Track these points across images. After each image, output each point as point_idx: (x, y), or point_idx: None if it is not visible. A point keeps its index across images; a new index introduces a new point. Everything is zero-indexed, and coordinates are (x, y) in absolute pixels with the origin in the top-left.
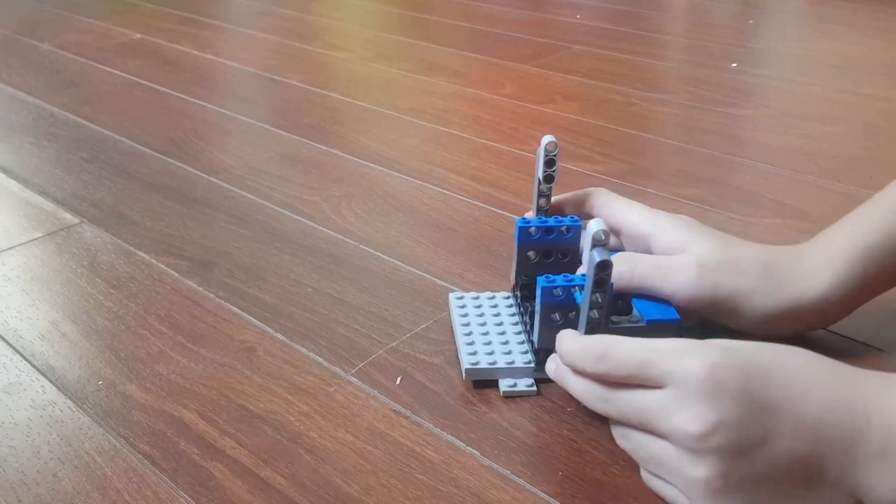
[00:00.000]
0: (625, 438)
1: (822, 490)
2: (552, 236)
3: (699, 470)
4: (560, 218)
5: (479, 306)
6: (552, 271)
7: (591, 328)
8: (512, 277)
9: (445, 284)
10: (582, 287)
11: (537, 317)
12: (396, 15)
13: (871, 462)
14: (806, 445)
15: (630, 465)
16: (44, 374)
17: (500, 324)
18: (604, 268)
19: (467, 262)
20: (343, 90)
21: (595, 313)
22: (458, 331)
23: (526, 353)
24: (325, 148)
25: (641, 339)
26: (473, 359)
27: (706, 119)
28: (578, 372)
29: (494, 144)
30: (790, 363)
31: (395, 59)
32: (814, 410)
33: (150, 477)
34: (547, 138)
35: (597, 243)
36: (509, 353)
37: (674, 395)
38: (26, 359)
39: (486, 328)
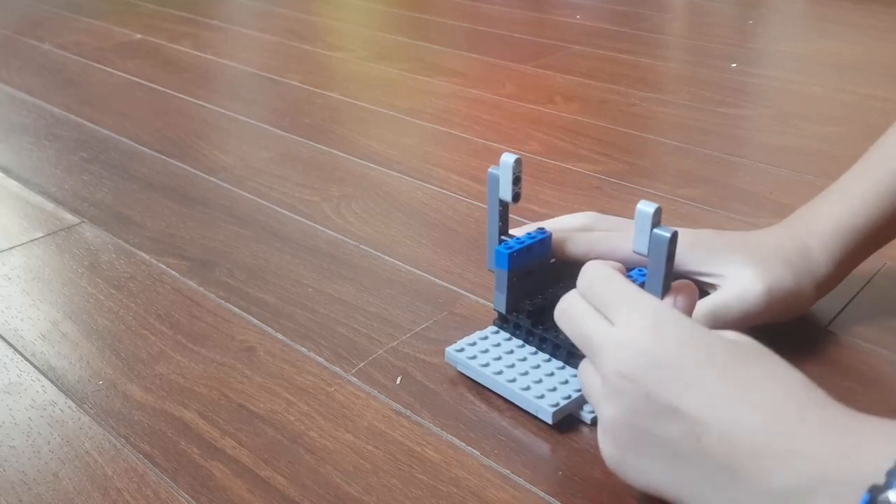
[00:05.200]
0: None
1: (730, 491)
2: (533, 254)
3: (609, 407)
4: (531, 234)
5: (486, 351)
6: (533, 288)
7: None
8: (501, 308)
9: (445, 284)
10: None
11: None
12: (396, 15)
13: None
14: (711, 439)
15: None
16: (44, 374)
17: (524, 359)
18: (675, 240)
19: (467, 262)
20: (343, 90)
21: (668, 283)
22: (500, 382)
23: (575, 374)
24: (325, 148)
25: (629, 282)
26: (550, 400)
27: (706, 119)
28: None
29: (494, 144)
30: (735, 360)
31: (395, 59)
32: (741, 421)
33: (151, 477)
34: (511, 156)
35: (656, 222)
36: (566, 382)
37: (618, 337)
38: (27, 359)
39: (523, 367)
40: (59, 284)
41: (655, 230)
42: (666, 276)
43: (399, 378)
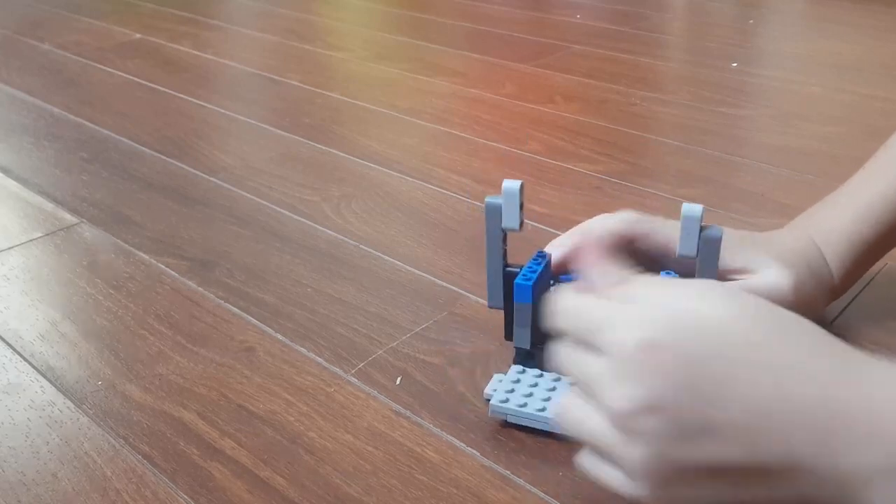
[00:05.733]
0: (565, 412)
1: (798, 481)
2: (544, 279)
3: (633, 450)
4: (537, 259)
5: (529, 395)
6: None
7: None
8: (525, 344)
9: (445, 284)
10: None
11: None
12: (396, 15)
13: (857, 454)
14: (764, 440)
15: None
16: (43, 375)
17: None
18: (722, 238)
19: (467, 262)
20: (343, 90)
21: None
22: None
23: None
24: (325, 148)
25: (602, 300)
26: None
27: (706, 119)
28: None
29: (494, 144)
30: (753, 339)
31: (395, 59)
32: (775, 404)
33: (150, 477)
34: (515, 183)
35: (704, 225)
36: None
37: (608, 367)
38: (26, 359)
39: None
40: (58, 284)
41: (706, 231)
42: (715, 274)
43: (399, 378)
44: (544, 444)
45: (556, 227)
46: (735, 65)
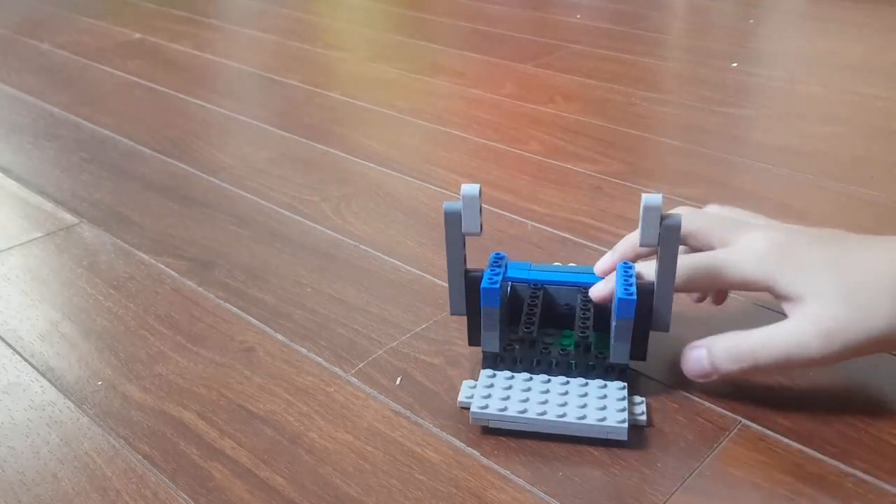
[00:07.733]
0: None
1: None
2: (505, 278)
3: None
4: (496, 260)
5: (506, 398)
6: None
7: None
8: (494, 347)
9: (446, 284)
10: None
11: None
12: (396, 15)
13: None
14: None
15: (630, 465)
16: (43, 375)
17: (547, 390)
18: (681, 225)
19: (467, 263)
20: (343, 90)
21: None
22: (550, 421)
23: (604, 386)
24: (325, 148)
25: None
26: (615, 417)
27: (706, 119)
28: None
29: (494, 144)
30: None
31: (395, 59)
32: None
33: (150, 477)
34: (474, 187)
35: (664, 213)
36: (605, 396)
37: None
38: (25, 359)
39: (557, 398)
40: (58, 285)
41: (665, 220)
42: (675, 264)
43: (399, 378)
44: (544, 444)
45: (555, 227)
46: (735, 65)
